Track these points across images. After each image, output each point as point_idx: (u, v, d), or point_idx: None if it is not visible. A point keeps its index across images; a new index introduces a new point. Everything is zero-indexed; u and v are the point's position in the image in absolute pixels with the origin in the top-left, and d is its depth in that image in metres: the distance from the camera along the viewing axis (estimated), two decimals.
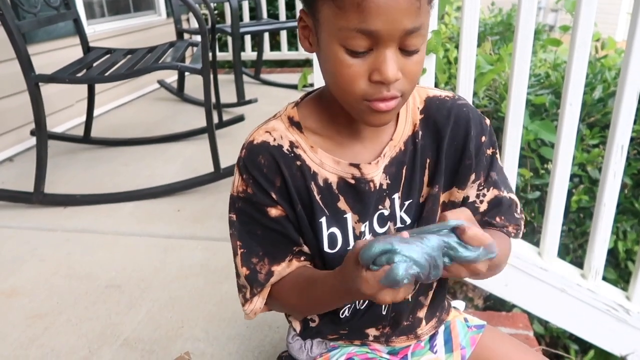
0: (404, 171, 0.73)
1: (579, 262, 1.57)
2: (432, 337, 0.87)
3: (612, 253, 1.83)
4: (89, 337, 1.25)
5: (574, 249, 1.92)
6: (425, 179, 0.75)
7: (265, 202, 0.71)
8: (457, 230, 0.56)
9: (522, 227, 0.81)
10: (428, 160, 0.74)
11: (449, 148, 0.73)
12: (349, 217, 0.72)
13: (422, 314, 0.83)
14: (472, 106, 0.76)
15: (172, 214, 1.87)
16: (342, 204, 0.72)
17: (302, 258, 0.75)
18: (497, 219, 0.77)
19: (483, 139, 0.75)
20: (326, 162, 0.71)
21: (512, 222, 0.79)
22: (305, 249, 0.75)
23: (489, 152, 0.76)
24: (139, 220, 1.84)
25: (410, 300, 0.80)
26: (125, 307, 1.36)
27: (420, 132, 0.73)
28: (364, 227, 0.73)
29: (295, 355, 0.85)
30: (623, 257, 1.85)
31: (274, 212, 0.71)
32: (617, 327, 1.47)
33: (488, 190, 0.76)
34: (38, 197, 1.92)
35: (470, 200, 0.76)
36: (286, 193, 0.71)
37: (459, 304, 0.94)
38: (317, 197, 0.71)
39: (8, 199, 1.96)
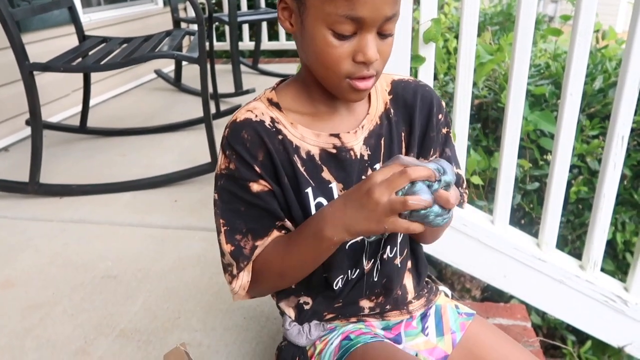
0: (382, 142, 0.79)
1: (577, 254, 1.56)
2: (424, 319, 0.90)
3: (610, 244, 1.83)
4: (85, 327, 1.25)
5: (572, 240, 1.92)
6: (403, 150, 0.81)
7: (248, 177, 0.73)
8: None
9: (465, 200, 0.89)
10: (403, 133, 0.81)
11: (419, 121, 0.80)
12: (334, 186, 0.76)
13: (409, 282, 0.89)
14: (432, 88, 0.84)
15: (169, 205, 1.86)
16: (326, 174, 0.76)
17: (283, 232, 0.78)
18: None
19: (440, 117, 0.83)
20: (307, 136, 0.75)
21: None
22: (288, 224, 0.77)
23: (444, 130, 0.84)
24: (136, 210, 1.83)
25: (399, 265, 0.84)
26: (122, 297, 1.35)
27: (391, 110, 0.80)
28: None
29: (295, 341, 0.85)
30: (621, 249, 1.85)
31: (256, 187, 0.73)
32: (614, 318, 1.47)
33: None
34: (33, 187, 1.91)
35: None
36: (270, 166, 0.73)
37: (446, 290, 0.98)
38: (302, 169, 0.74)
39: (3, 189, 1.94)
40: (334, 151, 0.75)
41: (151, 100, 3.21)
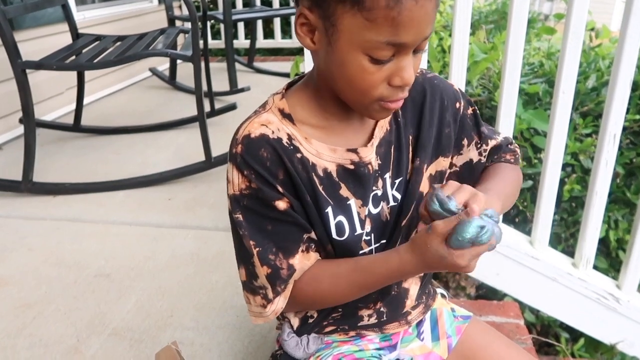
0: (392, 150, 0.75)
1: (570, 252, 1.57)
2: (420, 324, 0.88)
3: (603, 242, 1.83)
4: (77, 326, 1.24)
5: (565, 238, 1.92)
6: (410, 155, 0.77)
7: (272, 196, 0.69)
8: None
9: (518, 153, 0.87)
10: (410, 137, 0.77)
11: (429, 121, 0.77)
12: (353, 202, 0.73)
13: (413, 288, 0.84)
14: (440, 76, 0.80)
15: (163, 203, 1.85)
16: (344, 191, 0.72)
17: (313, 246, 0.74)
18: (495, 157, 0.84)
19: (458, 104, 0.79)
20: (323, 152, 0.71)
21: (508, 152, 0.86)
22: (314, 235, 0.73)
23: (470, 111, 0.80)
24: (130, 209, 1.82)
25: None
26: (115, 296, 1.35)
27: (399, 111, 0.76)
28: (367, 211, 0.74)
29: (292, 353, 0.83)
30: (614, 246, 1.85)
31: (281, 205, 0.69)
32: (607, 316, 1.47)
33: (487, 145, 0.82)
34: (27, 186, 1.90)
35: (475, 160, 0.81)
36: (291, 185, 0.69)
37: (443, 291, 0.96)
38: (320, 188, 0.71)
39: None
40: (352, 167, 0.72)
41: (146, 99, 3.20)
